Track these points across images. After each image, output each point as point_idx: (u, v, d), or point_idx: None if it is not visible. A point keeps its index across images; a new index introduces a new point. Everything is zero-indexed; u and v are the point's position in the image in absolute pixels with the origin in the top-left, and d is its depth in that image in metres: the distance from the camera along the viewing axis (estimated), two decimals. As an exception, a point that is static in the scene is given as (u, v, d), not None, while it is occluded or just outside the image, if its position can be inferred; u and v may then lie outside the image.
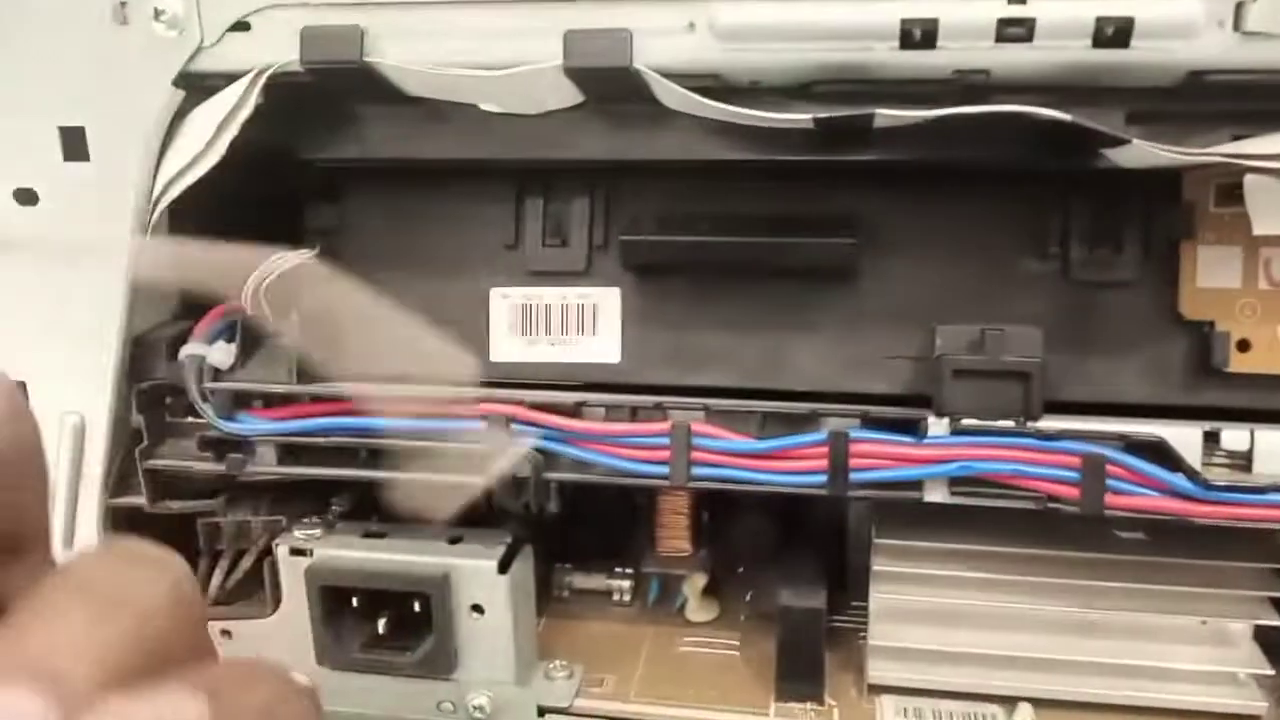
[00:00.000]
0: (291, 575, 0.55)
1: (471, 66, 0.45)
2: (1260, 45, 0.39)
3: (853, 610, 0.61)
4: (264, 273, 0.54)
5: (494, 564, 0.53)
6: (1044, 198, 0.49)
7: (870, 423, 0.48)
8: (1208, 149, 0.40)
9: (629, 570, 0.66)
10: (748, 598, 0.66)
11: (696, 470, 0.48)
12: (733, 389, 0.53)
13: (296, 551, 0.55)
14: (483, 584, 0.53)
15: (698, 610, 0.64)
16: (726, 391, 0.52)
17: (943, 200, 0.50)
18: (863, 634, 0.56)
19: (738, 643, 0.61)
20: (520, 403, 0.49)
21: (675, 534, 0.67)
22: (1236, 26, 0.39)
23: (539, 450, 0.50)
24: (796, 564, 0.59)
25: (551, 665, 0.57)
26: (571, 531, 0.68)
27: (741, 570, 0.68)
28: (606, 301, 0.54)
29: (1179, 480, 0.44)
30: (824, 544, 0.63)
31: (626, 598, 0.66)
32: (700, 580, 0.64)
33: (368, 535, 0.56)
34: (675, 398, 0.49)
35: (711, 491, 0.66)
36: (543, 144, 0.49)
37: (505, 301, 0.54)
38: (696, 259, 0.50)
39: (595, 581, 0.66)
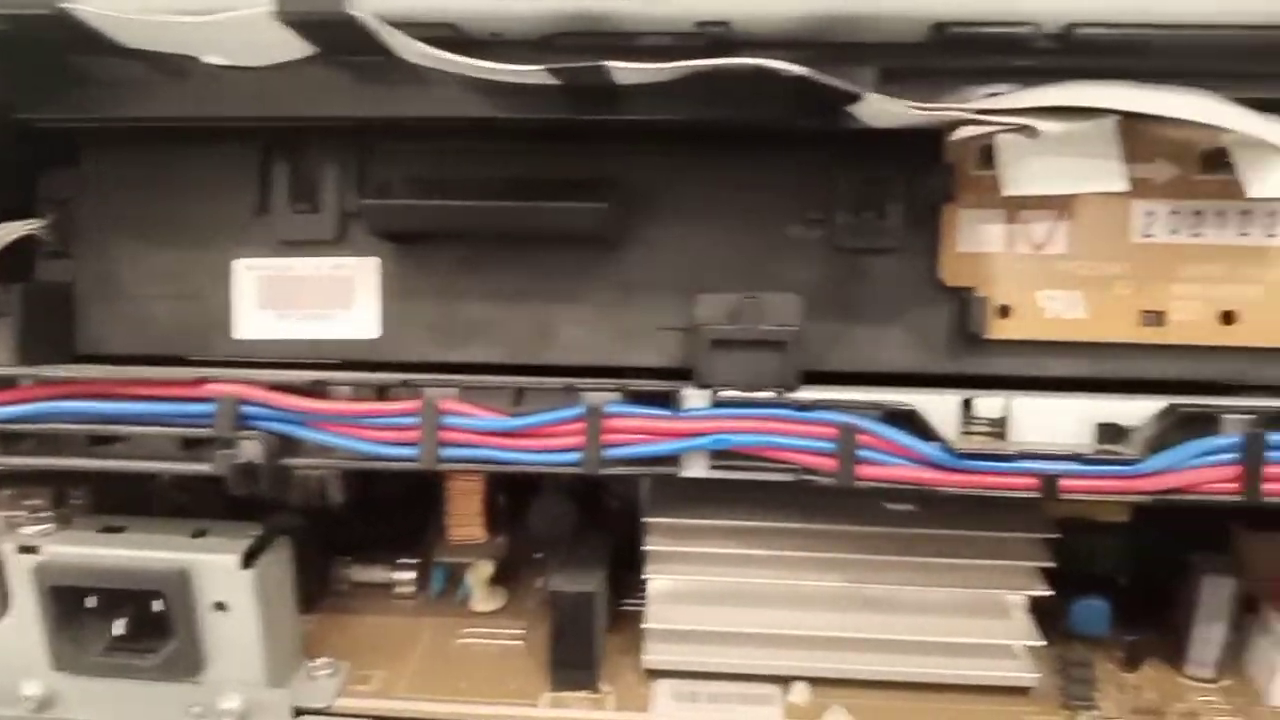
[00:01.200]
0: (21, 575, 0.50)
1: (185, 13, 0.41)
2: (995, -4, 0.37)
3: (644, 592, 0.59)
4: (-17, 244, 0.49)
5: (236, 559, 0.49)
6: (808, 163, 0.48)
7: (629, 397, 0.45)
8: (941, 103, 0.39)
9: (413, 561, 0.63)
10: (539, 583, 0.63)
11: (447, 451, 0.45)
12: (499, 365, 0.50)
13: (25, 549, 0.50)
14: (224, 580, 0.49)
15: (483, 599, 0.61)
16: (492, 368, 0.49)
17: (708, 165, 0.48)
18: (649, 617, 0.54)
19: (522, 631, 0.58)
20: (251, 383, 0.45)
21: (466, 521, 0.64)
22: (971, -25, 0.37)
23: (275, 434, 0.46)
24: (581, 547, 0.57)
25: (315, 664, 0.54)
26: (359, 521, 0.65)
27: (539, 556, 0.65)
28: (363, 272, 0.50)
29: (930, 450, 0.43)
30: (618, 525, 0.61)
31: (410, 589, 0.62)
32: (486, 568, 0.61)
33: (106, 530, 0.52)
34: (424, 374, 0.46)
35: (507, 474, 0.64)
36: (281, 100, 0.45)
37: (251, 274, 0.50)
38: (446, 225, 0.47)
39: (376, 574, 0.63)
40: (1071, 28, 0.38)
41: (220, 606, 0.49)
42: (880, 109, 0.39)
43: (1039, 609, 0.53)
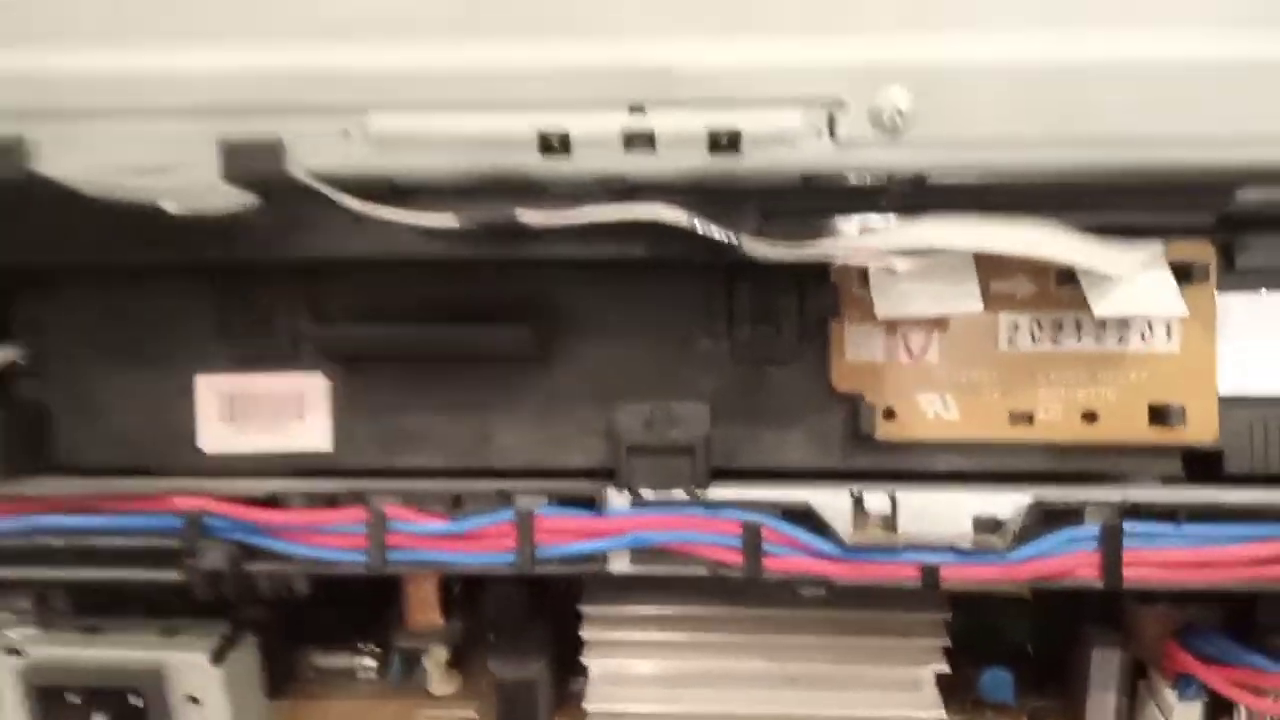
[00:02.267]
0: (6, 676, 0.54)
1: (142, 173, 0.46)
2: (853, 151, 0.43)
3: (590, 673, 0.63)
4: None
5: (207, 656, 0.53)
6: (712, 283, 0.53)
7: (557, 500, 0.50)
8: (811, 245, 0.44)
9: (374, 647, 0.67)
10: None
11: (394, 555, 0.50)
12: (443, 469, 0.54)
13: (10, 651, 0.54)
14: (197, 676, 0.53)
15: (440, 683, 0.65)
16: (436, 472, 0.54)
17: (625, 287, 0.54)
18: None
19: (474, 713, 0.62)
20: (213, 496, 0.50)
21: (423, 608, 0.68)
22: (831, 135, 0.43)
23: (236, 543, 0.50)
24: (525, 633, 0.61)
25: (282, 749, 0.58)
26: (321, 611, 0.69)
27: (493, 639, 0.69)
28: (314, 388, 0.55)
29: (825, 544, 0.48)
30: (566, 608, 0.66)
31: (372, 675, 0.66)
32: (441, 653, 0.65)
33: (84, 630, 0.56)
34: (372, 482, 0.51)
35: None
36: (231, 244, 0.50)
37: (212, 390, 0.55)
38: (385, 348, 0.52)
39: (340, 660, 0.67)
40: (920, 178, 0.43)
41: (193, 700, 0.54)
42: (758, 249, 0.44)
43: (955, 679, 0.58)
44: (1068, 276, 0.50)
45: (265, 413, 0.55)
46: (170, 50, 0.45)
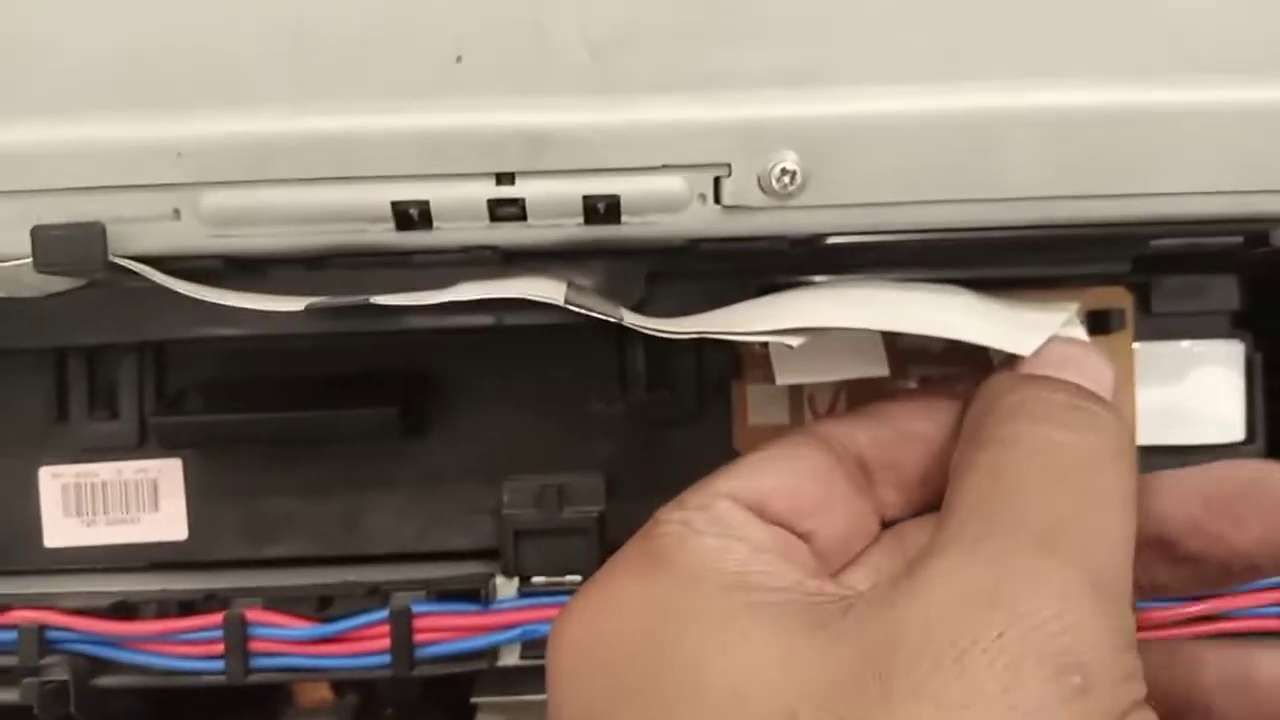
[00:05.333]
0: None
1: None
2: (739, 216, 0.39)
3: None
4: None
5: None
6: (604, 345, 0.49)
7: (437, 594, 0.46)
8: (692, 327, 0.40)
9: (259, 729, 0.62)
10: (390, 744, 0.63)
11: (257, 662, 0.45)
12: (310, 558, 0.50)
13: None
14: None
15: (331, 767, 0.61)
16: (304, 560, 0.50)
17: (509, 350, 0.50)
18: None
19: (368, 801, 0.58)
20: (54, 606, 0.45)
21: (314, 684, 0.63)
22: (717, 200, 0.39)
23: (83, 656, 0.45)
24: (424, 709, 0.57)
25: None
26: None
27: (389, 712, 0.65)
28: (167, 474, 0.50)
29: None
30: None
31: (259, 757, 0.62)
32: (329, 734, 0.61)
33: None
34: (233, 577, 0.47)
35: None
36: (64, 328, 0.46)
37: (56, 481, 0.50)
38: (240, 435, 0.47)
39: (222, 746, 0.62)
40: (815, 239, 0.40)
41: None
42: (641, 326, 0.40)
43: None
44: (979, 327, 0.47)
45: (115, 503, 0.50)
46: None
